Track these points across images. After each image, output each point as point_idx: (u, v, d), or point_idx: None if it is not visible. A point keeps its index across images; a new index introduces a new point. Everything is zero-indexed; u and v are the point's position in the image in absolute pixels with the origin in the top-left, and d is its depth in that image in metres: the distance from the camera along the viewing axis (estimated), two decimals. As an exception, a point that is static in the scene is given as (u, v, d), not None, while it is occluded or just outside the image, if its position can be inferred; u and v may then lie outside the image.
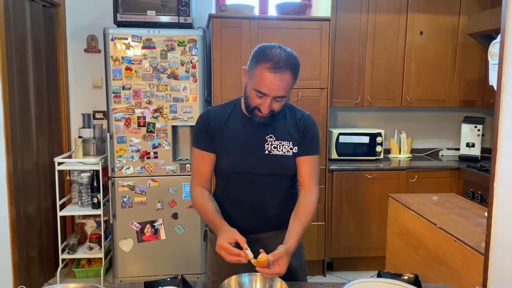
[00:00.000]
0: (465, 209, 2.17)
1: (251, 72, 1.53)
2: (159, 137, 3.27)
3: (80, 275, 3.57)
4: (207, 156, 1.66)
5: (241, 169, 1.64)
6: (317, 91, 3.42)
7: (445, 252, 1.84)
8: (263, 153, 1.63)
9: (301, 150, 1.66)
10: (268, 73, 1.46)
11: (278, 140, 1.64)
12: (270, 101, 1.51)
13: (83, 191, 3.46)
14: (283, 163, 1.65)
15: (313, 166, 1.67)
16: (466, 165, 3.69)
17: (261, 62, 1.48)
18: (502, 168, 1.42)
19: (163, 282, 1.47)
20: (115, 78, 3.18)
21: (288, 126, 1.66)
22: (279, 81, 1.47)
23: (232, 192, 1.69)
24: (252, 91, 1.52)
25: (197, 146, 1.68)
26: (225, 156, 1.65)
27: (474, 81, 3.92)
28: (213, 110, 1.71)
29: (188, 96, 3.25)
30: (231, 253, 1.40)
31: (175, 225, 3.34)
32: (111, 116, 3.21)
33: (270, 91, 1.49)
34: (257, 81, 1.49)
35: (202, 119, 1.69)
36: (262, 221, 1.67)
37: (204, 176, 1.68)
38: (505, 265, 1.39)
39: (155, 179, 3.30)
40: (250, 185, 1.65)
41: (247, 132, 1.64)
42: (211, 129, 1.65)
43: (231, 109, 1.68)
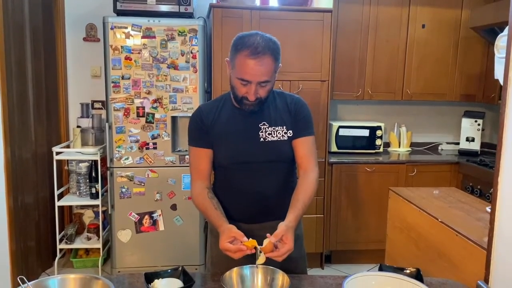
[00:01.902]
0: (466, 203, 2.16)
1: (232, 62, 1.55)
2: (158, 128, 3.25)
3: (78, 265, 3.56)
4: (204, 152, 1.67)
5: (239, 160, 1.65)
6: (318, 83, 3.39)
7: (446, 246, 1.84)
8: (259, 141, 1.64)
9: (295, 132, 1.67)
10: (249, 60, 1.48)
11: (272, 126, 1.65)
12: (255, 87, 1.52)
13: (81, 181, 3.44)
14: (279, 149, 1.65)
15: (309, 146, 1.68)
16: (466, 160, 3.68)
17: (240, 50, 1.50)
18: (506, 163, 1.41)
19: (163, 273, 1.46)
20: (114, 68, 3.15)
21: (279, 111, 1.67)
22: (260, 66, 1.49)
23: (231, 183, 1.69)
24: (237, 81, 1.54)
25: (193, 144, 1.69)
26: (221, 149, 1.66)
27: (475, 75, 3.91)
28: (204, 107, 1.73)
29: (188, 86, 3.22)
30: (233, 251, 1.41)
31: (174, 216, 3.33)
32: (110, 106, 3.19)
33: (253, 78, 1.50)
34: (239, 69, 1.51)
35: (194, 117, 1.70)
36: (263, 210, 1.67)
37: (203, 173, 1.68)
38: (507, 260, 1.39)
39: (154, 170, 3.28)
40: (249, 174, 1.65)
41: (240, 122, 1.65)
42: (204, 125, 1.66)
43: (222, 103, 1.70)
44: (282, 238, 1.42)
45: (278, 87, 3.35)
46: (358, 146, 3.84)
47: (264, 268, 1.44)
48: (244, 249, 1.39)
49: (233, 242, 1.44)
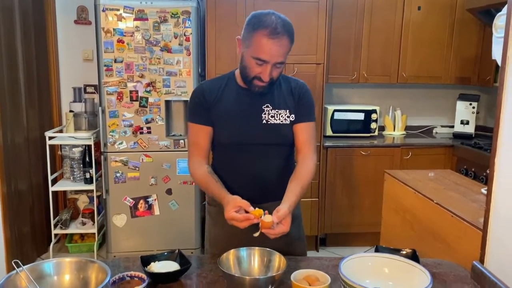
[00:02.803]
0: (461, 185, 2.16)
1: (248, 41, 1.50)
2: (152, 112, 3.21)
3: (73, 250, 3.56)
4: (204, 129, 1.64)
5: (240, 140, 1.63)
6: (313, 66, 3.37)
7: (441, 227, 1.85)
8: (261, 123, 1.62)
9: (297, 117, 1.66)
10: (267, 40, 1.45)
11: (275, 109, 1.63)
12: (270, 68, 1.50)
13: (75, 166, 3.42)
14: (281, 132, 1.64)
15: (309, 132, 1.68)
16: (460, 143, 3.69)
17: (259, 29, 1.46)
18: (503, 144, 1.40)
19: (160, 256, 1.46)
20: (106, 51, 3.10)
21: (284, 95, 1.66)
22: (278, 46, 1.46)
23: (231, 164, 1.67)
24: (251, 60, 1.50)
25: (194, 120, 1.66)
26: (222, 128, 1.63)
27: (470, 58, 3.89)
28: (206, 84, 1.70)
29: (182, 70, 3.18)
30: (241, 220, 1.38)
31: (169, 200, 3.32)
32: (102, 90, 3.14)
33: (271, 58, 1.47)
34: (256, 48, 1.48)
35: (196, 93, 1.67)
36: (262, 191, 1.66)
37: (202, 149, 1.66)
38: (503, 240, 1.39)
39: (149, 154, 3.26)
40: (249, 155, 1.64)
41: (244, 103, 1.63)
42: (206, 102, 1.63)
43: (225, 82, 1.67)
44: (281, 220, 1.41)
45: (273, 70, 3.32)
46: (353, 130, 3.83)
47: (260, 250, 1.44)
48: (252, 217, 1.38)
49: (239, 212, 1.42)
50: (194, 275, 1.44)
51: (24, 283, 1.19)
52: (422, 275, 1.31)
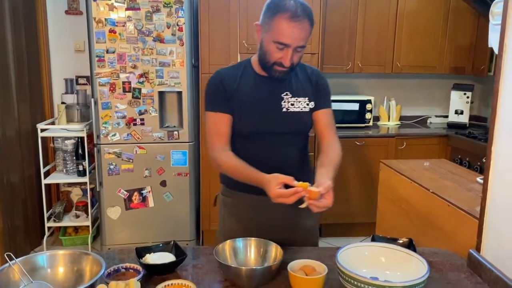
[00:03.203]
0: (456, 174, 2.16)
1: (267, 26, 1.47)
2: (145, 103, 3.18)
3: (67, 243, 3.54)
4: (224, 117, 1.59)
5: (260, 130, 1.60)
6: (308, 56, 3.34)
7: (437, 216, 1.84)
8: (281, 111, 1.59)
9: (317, 104, 1.64)
10: (288, 23, 1.43)
11: (294, 97, 1.61)
12: (292, 52, 1.46)
13: (67, 158, 3.38)
14: (301, 120, 1.62)
15: (330, 117, 1.67)
16: (455, 132, 3.70)
17: (279, 12, 1.43)
18: (500, 132, 1.40)
19: (155, 248, 1.44)
20: (98, 41, 3.05)
21: (301, 82, 1.63)
22: (299, 29, 1.44)
23: (249, 153, 1.61)
24: (272, 45, 1.47)
25: (213, 109, 1.60)
26: (242, 117, 1.59)
27: (465, 47, 3.89)
28: (223, 72, 1.64)
29: (175, 60, 3.15)
30: (288, 195, 1.33)
31: (164, 192, 3.30)
32: (95, 81, 3.10)
33: (293, 41, 1.44)
34: (277, 32, 1.45)
35: (214, 80, 1.62)
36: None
37: (224, 136, 1.60)
38: (499, 228, 1.39)
39: (142, 146, 3.23)
40: (268, 144, 1.61)
41: (263, 91, 1.59)
42: (225, 90, 1.58)
43: (242, 69, 1.63)
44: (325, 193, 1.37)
45: (267, 61, 3.29)
46: (348, 120, 3.82)
47: (257, 241, 1.42)
48: (300, 190, 1.33)
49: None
50: (190, 266, 1.43)
51: (17, 276, 1.17)
52: (419, 264, 1.31)
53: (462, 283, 1.38)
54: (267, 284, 1.32)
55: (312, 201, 1.34)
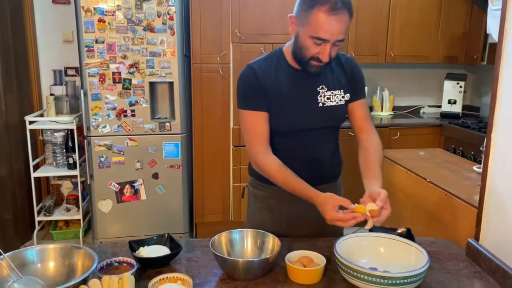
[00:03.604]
0: (452, 163, 2.15)
1: (304, 19, 1.37)
2: (136, 94, 3.12)
3: (58, 237, 3.49)
4: (262, 116, 1.51)
5: (297, 127, 1.54)
6: (301, 45, 3.29)
7: (435, 206, 1.83)
8: (317, 106, 1.52)
9: (352, 95, 1.58)
10: (328, 16, 1.32)
11: (330, 90, 1.53)
12: (330, 47, 1.37)
13: (57, 151, 3.32)
14: (337, 114, 1.57)
15: (366, 108, 1.63)
16: (448, 122, 3.69)
17: (317, 5, 1.33)
18: (500, 119, 1.37)
19: (149, 241, 1.40)
20: (87, 31, 2.98)
21: (336, 74, 1.56)
22: (339, 23, 1.34)
23: (283, 149, 1.56)
24: (308, 40, 1.37)
25: (249, 107, 1.51)
26: (279, 115, 1.51)
27: (458, 36, 3.87)
28: (256, 65, 1.53)
29: (166, 50, 3.09)
30: (347, 220, 1.29)
31: (156, 185, 3.25)
32: (84, 72, 3.04)
33: (331, 36, 1.35)
34: (315, 27, 1.34)
35: (248, 76, 1.51)
36: (314, 175, 1.58)
37: (264, 137, 1.52)
38: (498, 217, 1.37)
39: (133, 138, 3.18)
40: (304, 141, 1.56)
41: (298, 85, 1.51)
42: (261, 85, 1.49)
43: (276, 62, 1.52)
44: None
45: (260, 50, 3.25)
46: (341, 111, 3.79)
47: (253, 232, 1.40)
48: (359, 216, 1.29)
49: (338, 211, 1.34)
50: (185, 259, 1.40)
51: (6, 271, 1.13)
52: (419, 253, 1.29)
53: (461, 272, 1.36)
54: (265, 276, 1.29)
55: (375, 219, 1.31)
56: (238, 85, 1.55)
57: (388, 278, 1.16)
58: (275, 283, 1.26)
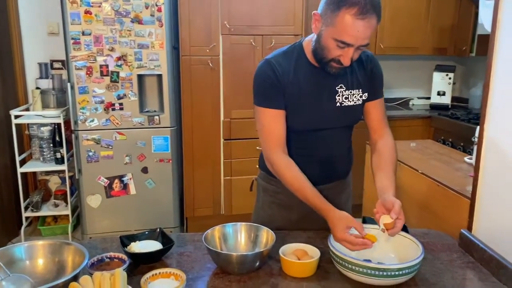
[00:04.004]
0: (444, 154, 2.16)
1: (330, 19, 1.29)
2: (124, 87, 3.07)
3: (46, 233, 3.44)
4: (280, 115, 1.45)
5: (313, 126, 1.50)
6: (291, 38, 3.27)
7: (427, 197, 1.83)
8: (335, 106, 1.48)
9: (370, 94, 1.53)
10: (355, 20, 1.25)
11: (349, 90, 1.48)
12: (353, 51, 1.31)
13: (44, 146, 3.26)
14: (354, 114, 1.53)
15: (383, 108, 1.58)
16: (437, 114, 3.71)
17: (345, 6, 1.25)
18: (493, 110, 1.37)
19: (140, 236, 1.38)
20: (73, 23, 2.92)
21: (355, 72, 1.50)
22: (366, 28, 1.26)
23: (298, 148, 1.52)
24: (331, 42, 1.31)
25: (268, 104, 1.45)
26: (295, 113, 1.47)
27: (447, 28, 3.88)
28: (275, 60, 1.45)
29: (154, 42, 3.04)
30: (355, 244, 1.25)
31: (145, 179, 3.22)
32: (71, 65, 2.98)
33: (356, 41, 1.28)
34: (340, 29, 1.27)
35: (266, 71, 1.44)
36: (328, 173, 1.57)
37: (281, 139, 1.46)
38: (491, 208, 1.38)
39: (122, 132, 3.13)
40: (319, 140, 1.52)
41: (318, 85, 1.46)
42: (280, 83, 1.43)
43: (295, 58, 1.46)
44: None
45: (250, 42, 3.22)
46: (331, 103, 3.79)
47: (247, 226, 1.38)
48: (369, 244, 1.25)
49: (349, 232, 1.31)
50: (177, 254, 1.38)
51: (-7, 269, 1.10)
52: (413, 245, 1.29)
53: (455, 263, 1.36)
54: (259, 269, 1.28)
55: (389, 231, 1.29)
56: (255, 80, 1.48)
57: (382, 270, 1.15)
58: (269, 276, 1.25)
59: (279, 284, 1.22)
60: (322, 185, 1.51)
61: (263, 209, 1.66)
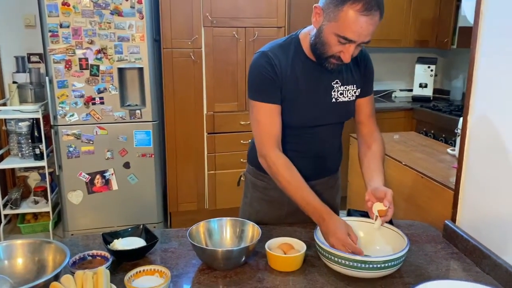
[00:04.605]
0: (426, 146, 2.17)
1: (332, 14, 1.26)
2: (104, 81, 3.01)
3: (26, 230, 3.37)
4: (276, 110, 1.41)
5: (308, 122, 1.47)
6: (274, 30, 3.25)
7: (411, 189, 1.84)
8: (330, 101, 1.46)
9: (363, 91, 1.52)
10: (360, 17, 1.22)
11: (344, 85, 1.47)
12: (354, 48, 1.28)
13: (22, 141, 3.18)
14: (348, 109, 1.52)
15: (373, 104, 1.59)
16: (420, 106, 3.74)
17: (349, 2, 1.22)
18: (476, 102, 1.38)
19: (123, 233, 1.35)
20: (50, 15, 2.84)
21: (350, 68, 1.48)
22: (369, 25, 1.24)
23: (291, 143, 1.50)
24: (333, 37, 1.28)
25: (264, 99, 1.41)
26: (291, 108, 1.43)
27: (428, 20, 3.91)
28: (272, 53, 1.41)
29: (135, 35, 2.98)
30: (349, 247, 1.23)
31: (128, 174, 3.17)
32: (49, 58, 2.90)
33: (359, 37, 1.25)
34: (343, 25, 1.24)
35: (263, 65, 1.40)
36: (320, 168, 1.56)
37: (277, 135, 1.43)
38: (475, 199, 1.39)
39: (103, 126, 3.08)
40: (312, 136, 1.50)
41: (315, 80, 1.43)
42: (277, 77, 1.39)
43: (293, 51, 1.42)
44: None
45: (233, 34, 3.19)
46: (315, 96, 3.79)
47: (232, 220, 1.36)
48: (361, 254, 1.22)
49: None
50: (161, 251, 1.35)
51: (-31, 270, 1.06)
52: (398, 237, 1.29)
53: (439, 253, 1.37)
54: (245, 264, 1.27)
55: (382, 218, 1.32)
56: (251, 73, 1.44)
57: (368, 263, 1.15)
58: (255, 271, 1.24)
59: (265, 279, 1.21)
60: (314, 181, 1.51)
61: (252, 205, 1.64)
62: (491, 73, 1.31)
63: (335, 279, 1.21)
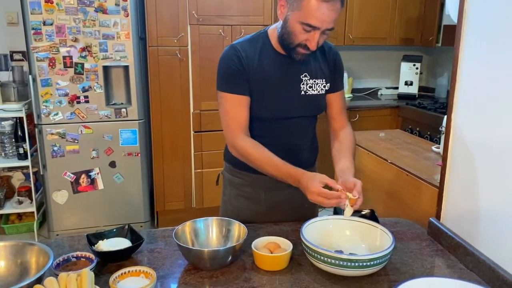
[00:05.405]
0: (412, 144, 2.19)
1: (296, 4, 1.32)
2: (89, 79, 2.97)
3: (11, 231, 3.32)
4: (243, 100, 1.45)
5: (278, 114, 1.49)
6: (261, 28, 3.20)
7: (396, 186, 1.86)
8: (299, 95, 1.49)
9: (332, 86, 1.56)
10: (320, 3, 1.28)
11: (312, 79, 1.50)
12: (319, 35, 1.33)
13: (6, 141, 3.14)
14: (318, 103, 1.54)
15: (343, 100, 1.62)
16: (405, 103, 3.77)
17: None
18: (460, 99, 1.39)
19: (108, 233, 1.34)
20: (33, 12, 2.80)
21: (319, 62, 1.52)
22: (331, 11, 1.29)
23: (263, 137, 1.51)
24: (298, 25, 1.33)
25: (230, 90, 1.45)
26: (260, 100, 1.47)
27: (414, 18, 3.94)
28: (240, 46, 1.46)
29: (120, 32, 2.95)
30: (330, 197, 1.27)
31: (114, 173, 3.14)
32: (32, 56, 2.86)
33: (322, 24, 1.30)
34: (306, 13, 1.30)
35: (230, 57, 1.45)
36: (292, 162, 1.52)
37: (244, 124, 1.47)
38: (459, 196, 1.40)
39: (88, 125, 3.04)
40: (284, 129, 1.52)
41: (283, 72, 1.47)
42: (244, 69, 1.44)
43: (261, 45, 1.47)
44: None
45: (219, 32, 3.18)
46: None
47: (218, 220, 1.36)
48: (344, 198, 1.28)
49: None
50: (147, 251, 1.34)
51: (-51, 274, 1.04)
52: (384, 235, 1.30)
53: (424, 251, 1.38)
54: (231, 264, 1.26)
55: (353, 206, 1.33)
56: (219, 65, 1.48)
57: (354, 261, 1.15)
58: (242, 271, 1.24)
59: (252, 278, 1.20)
60: None
61: (230, 203, 1.66)
62: (475, 71, 1.32)
63: (321, 278, 1.21)
